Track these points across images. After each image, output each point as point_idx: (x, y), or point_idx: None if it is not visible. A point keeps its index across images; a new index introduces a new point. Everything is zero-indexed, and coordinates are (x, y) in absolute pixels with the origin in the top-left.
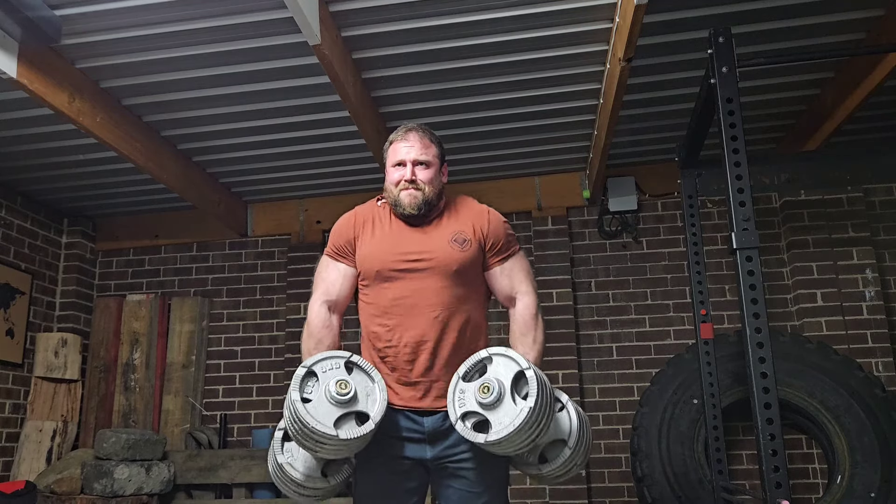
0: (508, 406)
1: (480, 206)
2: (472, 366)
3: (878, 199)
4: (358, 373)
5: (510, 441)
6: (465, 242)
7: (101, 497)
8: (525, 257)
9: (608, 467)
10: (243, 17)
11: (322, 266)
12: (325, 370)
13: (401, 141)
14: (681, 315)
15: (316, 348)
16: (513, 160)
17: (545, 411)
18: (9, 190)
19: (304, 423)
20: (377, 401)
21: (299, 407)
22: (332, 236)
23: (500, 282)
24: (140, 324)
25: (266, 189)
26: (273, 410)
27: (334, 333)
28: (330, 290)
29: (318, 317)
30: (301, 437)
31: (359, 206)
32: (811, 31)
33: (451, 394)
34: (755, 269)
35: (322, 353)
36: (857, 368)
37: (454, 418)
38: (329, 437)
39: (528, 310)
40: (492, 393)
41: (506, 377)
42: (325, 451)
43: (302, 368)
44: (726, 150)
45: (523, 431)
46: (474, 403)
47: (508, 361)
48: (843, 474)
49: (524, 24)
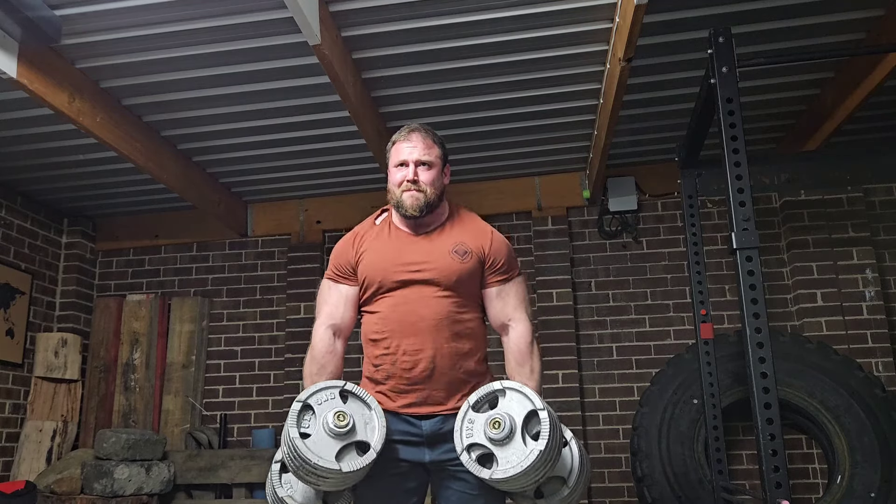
0: (518, 445)
1: (485, 224)
2: (483, 396)
3: (878, 199)
4: (354, 401)
5: (516, 480)
6: (465, 254)
7: (101, 497)
8: (525, 284)
9: (608, 467)
10: (243, 17)
11: (324, 289)
12: (321, 402)
13: (403, 141)
14: (681, 315)
15: (318, 374)
16: (513, 160)
17: (553, 454)
18: (9, 190)
19: (306, 460)
20: (376, 429)
21: (299, 444)
22: (333, 258)
23: (494, 304)
24: (140, 324)
25: (266, 189)
26: (273, 410)
27: (338, 359)
28: (334, 314)
29: (321, 342)
30: (303, 473)
31: (357, 225)
32: (811, 31)
33: (460, 422)
34: (755, 269)
35: (316, 385)
36: (857, 368)
37: (460, 449)
38: (332, 471)
39: (524, 339)
40: (503, 430)
41: (518, 414)
42: (328, 484)
43: (297, 403)
44: (726, 150)
45: (530, 472)
46: (482, 437)
47: (522, 399)
48: (843, 474)
49: (524, 24)
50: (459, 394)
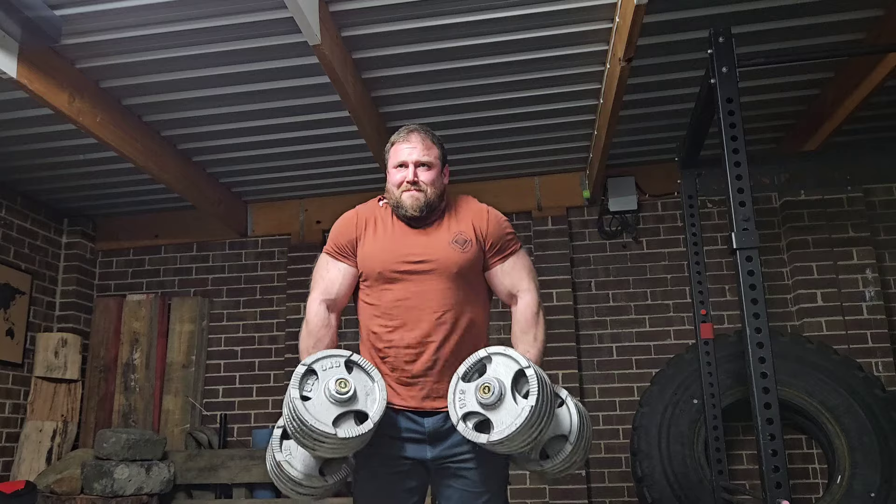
0: (510, 405)
1: (480, 205)
2: (472, 366)
3: (878, 199)
4: (358, 372)
5: (512, 440)
6: (465, 244)
7: (101, 497)
8: (526, 254)
9: (608, 467)
10: (243, 17)
11: (321, 264)
12: (326, 368)
13: (403, 142)
14: (681, 315)
15: (315, 347)
16: (513, 160)
17: (546, 409)
18: (9, 190)
19: (303, 421)
20: (377, 400)
21: (298, 404)
22: (333, 234)
23: (501, 281)
24: (140, 324)
25: (266, 189)
26: (273, 410)
27: (333, 332)
28: (329, 289)
29: (316, 315)
30: (300, 434)
31: (360, 205)
32: (811, 31)
33: (452, 394)
34: (755, 269)
35: (323, 352)
36: (857, 368)
37: (455, 419)
38: (327, 435)
39: (530, 308)
40: (492, 393)
41: (506, 376)
42: (324, 449)
43: (302, 366)
44: (726, 150)
45: (525, 430)
46: (475, 404)
47: (508, 360)
48: (843, 474)
49: (524, 24)
50: None
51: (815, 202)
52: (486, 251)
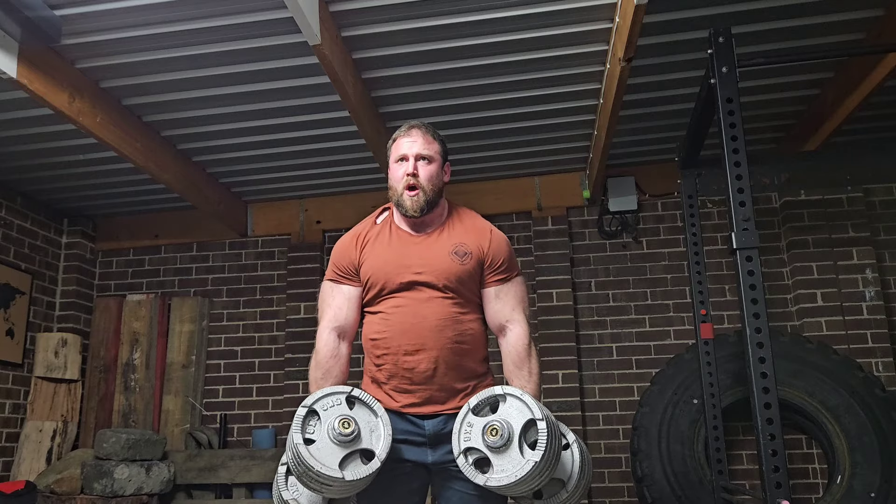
0: (514, 454)
1: (484, 222)
2: (484, 400)
3: (878, 199)
4: (360, 407)
5: (509, 489)
6: (465, 256)
7: (101, 497)
8: (524, 284)
9: (608, 467)
10: (243, 17)
11: (325, 293)
12: (327, 408)
13: (404, 136)
14: (681, 315)
15: (323, 378)
16: (513, 160)
17: (550, 463)
18: (9, 190)
19: (309, 467)
20: (382, 437)
21: (303, 450)
22: (333, 259)
23: (493, 305)
24: (140, 324)
25: (266, 189)
26: (273, 410)
27: (343, 363)
28: (338, 316)
29: (326, 346)
30: (306, 479)
31: (357, 225)
32: (811, 31)
33: (459, 424)
34: (755, 269)
35: (322, 391)
36: (857, 368)
37: (457, 451)
38: (335, 479)
39: (521, 341)
40: (500, 437)
41: (516, 422)
42: (332, 492)
43: (302, 408)
44: (726, 150)
45: (524, 482)
46: (480, 442)
47: (522, 406)
48: (843, 474)
49: (524, 24)
50: (461, 393)
51: (815, 202)
52: (485, 268)
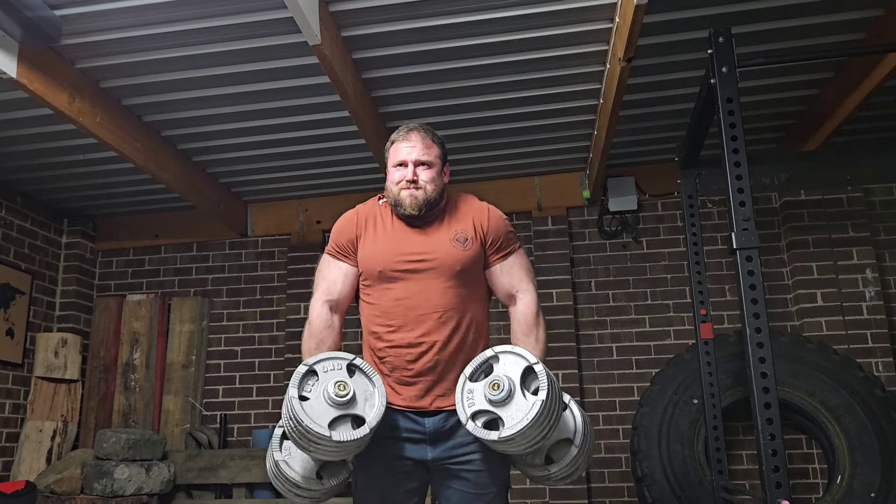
0: (520, 401)
1: (480, 203)
2: (479, 366)
3: (878, 199)
4: (359, 376)
5: (523, 436)
6: (466, 241)
7: (101, 497)
8: (525, 254)
9: (608, 467)
10: (243, 17)
11: (323, 265)
12: (327, 370)
13: (402, 141)
14: (681, 315)
15: (317, 348)
16: (513, 160)
17: (555, 405)
18: (9, 190)
19: (299, 421)
20: (375, 406)
21: (295, 404)
22: (334, 234)
23: (500, 280)
24: (140, 324)
25: (266, 189)
26: (273, 410)
27: (336, 334)
28: (332, 290)
29: (319, 317)
30: (296, 434)
31: (360, 204)
32: (811, 31)
33: (460, 394)
34: (755, 269)
35: (325, 353)
36: (857, 368)
37: (464, 418)
38: (322, 437)
39: (529, 308)
40: (502, 389)
41: (514, 374)
42: (319, 451)
43: (303, 366)
44: (726, 150)
45: (536, 426)
46: (484, 402)
47: (516, 358)
48: (843, 474)
49: (524, 24)
50: None
51: (815, 202)
52: (486, 249)
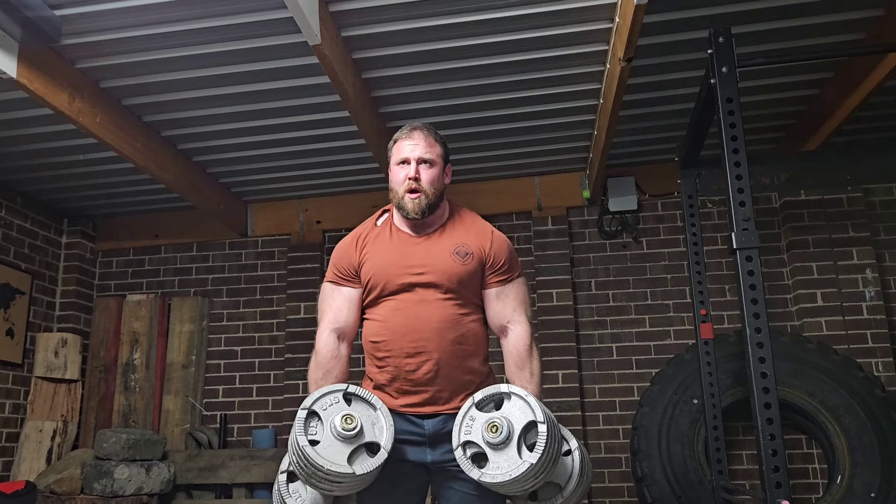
0: (512, 453)
1: (485, 223)
2: (489, 396)
3: (878, 199)
4: (358, 403)
5: (502, 488)
6: (466, 256)
7: (101, 497)
8: (525, 285)
9: (608, 467)
10: (243, 17)
11: (325, 294)
12: (326, 407)
13: (405, 139)
14: (681, 315)
15: (324, 379)
16: (513, 160)
17: (546, 467)
18: (9, 190)
19: (318, 468)
20: (384, 428)
21: (309, 451)
22: (334, 261)
23: (494, 306)
24: (140, 324)
25: (266, 189)
26: (273, 410)
27: (343, 364)
28: (338, 318)
29: (326, 346)
30: (315, 480)
31: (358, 226)
32: (811, 31)
33: (461, 417)
34: (755, 269)
35: (319, 391)
36: (857, 368)
37: (456, 444)
38: (345, 475)
39: (523, 341)
40: (499, 434)
41: (518, 421)
42: (341, 489)
43: (302, 410)
44: (726, 150)
45: (518, 482)
46: (479, 437)
47: (525, 407)
48: (843, 474)
49: (524, 24)
50: (463, 393)
51: (815, 202)
52: (486, 269)
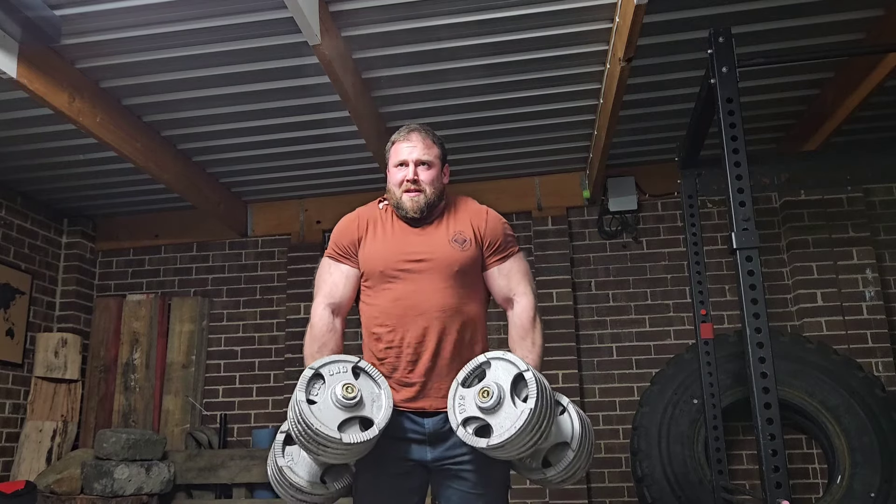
0: (509, 409)
1: (479, 205)
2: (471, 371)
3: (878, 199)
4: (365, 378)
5: (512, 444)
6: (465, 242)
7: (101, 497)
8: (524, 258)
9: (608, 467)
10: (243, 17)
11: (324, 268)
12: (333, 373)
13: (403, 141)
14: (681, 315)
15: (319, 352)
16: (513, 160)
17: (546, 413)
18: (9, 190)
19: (309, 425)
20: (382, 407)
21: (304, 408)
22: (335, 237)
23: (497, 282)
24: (140, 324)
25: (266, 189)
26: (273, 410)
27: (338, 337)
28: (333, 293)
29: (321, 320)
30: (304, 438)
31: (360, 207)
32: (811, 31)
33: (451, 400)
34: (755, 269)
35: (330, 356)
36: (857, 368)
37: (455, 424)
38: (332, 440)
39: (526, 312)
40: (491, 397)
41: (505, 381)
42: (328, 454)
43: (309, 370)
44: (726, 150)
45: (525, 434)
46: (474, 408)
47: (507, 365)
48: (843, 474)
49: (524, 24)
50: None
51: (815, 202)
52: (484, 251)
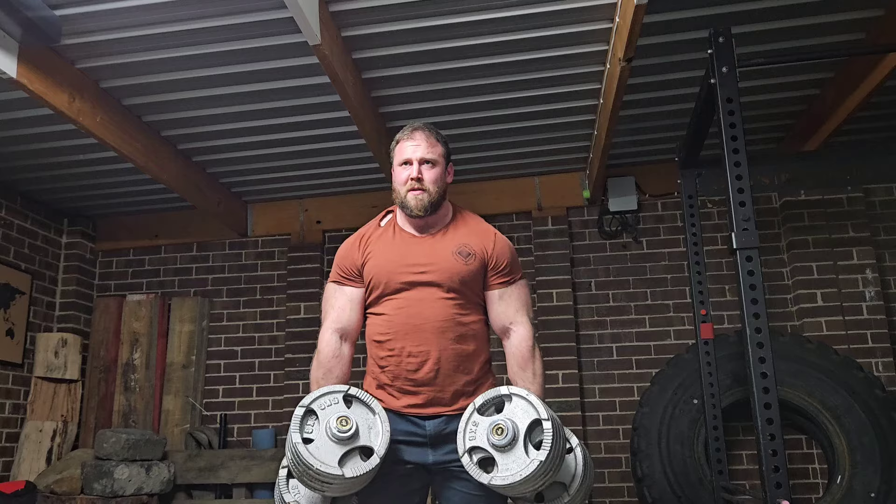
0: (519, 453)
1: (488, 226)
2: (489, 400)
3: (878, 199)
4: (358, 406)
5: (513, 488)
6: (468, 256)
7: (101, 497)
8: (527, 287)
9: (608, 467)
10: (243, 17)
11: (329, 293)
12: (324, 407)
13: (407, 140)
14: (681, 315)
15: (325, 378)
16: (513, 160)
17: (555, 463)
18: (9, 190)
19: (309, 466)
20: (380, 433)
21: (301, 449)
22: (337, 260)
23: (496, 307)
24: (140, 324)
25: (266, 189)
26: (273, 410)
27: (344, 364)
28: (340, 318)
29: (328, 346)
30: (306, 478)
31: (360, 228)
32: (811, 31)
33: (464, 423)
34: (755, 269)
35: (319, 390)
36: (857, 368)
37: (461, 450)
38: (335, 476)
39: (525, 342)
40: (505, 436)
41: (522, 422)
42: (332, 490)
43: (300, 408)
44: (726, 150)
45: (528, 482)
46: (485, 441)
47: (528, 406)
48: (843, 474)
49: (524, 24)
50: (464, 395)
51: (815, 202)
52: (489, 270)
